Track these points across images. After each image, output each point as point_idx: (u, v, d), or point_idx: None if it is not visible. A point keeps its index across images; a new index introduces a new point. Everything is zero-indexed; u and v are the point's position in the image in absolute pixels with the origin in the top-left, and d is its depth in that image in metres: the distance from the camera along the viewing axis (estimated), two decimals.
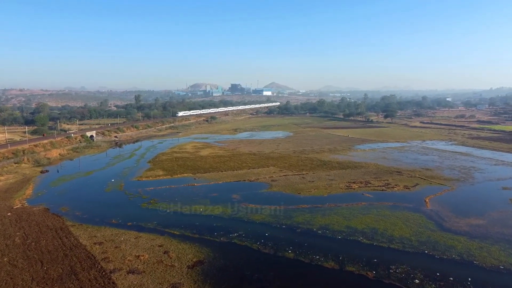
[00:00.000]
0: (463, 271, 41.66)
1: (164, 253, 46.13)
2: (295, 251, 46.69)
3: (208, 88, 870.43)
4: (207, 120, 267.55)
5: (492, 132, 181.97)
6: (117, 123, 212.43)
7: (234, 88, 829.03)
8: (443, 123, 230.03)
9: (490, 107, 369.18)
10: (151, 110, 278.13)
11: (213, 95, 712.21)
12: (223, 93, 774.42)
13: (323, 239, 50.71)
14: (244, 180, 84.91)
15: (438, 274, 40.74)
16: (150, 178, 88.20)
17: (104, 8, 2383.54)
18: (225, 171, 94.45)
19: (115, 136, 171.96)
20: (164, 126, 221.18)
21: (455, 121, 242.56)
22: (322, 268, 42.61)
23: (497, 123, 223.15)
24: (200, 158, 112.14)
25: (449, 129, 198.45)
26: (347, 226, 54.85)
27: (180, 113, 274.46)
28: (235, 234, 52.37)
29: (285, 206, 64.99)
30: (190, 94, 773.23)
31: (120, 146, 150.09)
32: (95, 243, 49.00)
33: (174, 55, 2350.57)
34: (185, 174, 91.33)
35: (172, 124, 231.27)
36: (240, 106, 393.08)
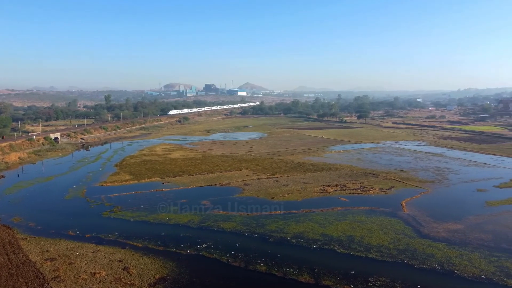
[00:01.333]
0: (444, 282, 39.43)
1: (123, 270, 41.80)
2: (268, 264, 43.31)
3: (181, 88, 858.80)
4: (179, 121, 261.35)
5: (462, 132, 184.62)
6: (84, 124, 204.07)
7: (208, 88, 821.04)
8: (415, 123, 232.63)
9: (459, 108, 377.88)
10: (121, 110, 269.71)
11: (187, 95, 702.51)
12: (197, 93, 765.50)
13: (298, 249, 47.58)
14: (216, 185, 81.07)
15: (419, 286, 38.26)
16: (115, 183, 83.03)
17: (75, 5, 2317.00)
18: (196, 174, 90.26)
19: (82, 138, 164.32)
20: (134, 127, 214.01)
21: (426, 121, 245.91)
22: (296, 283, 39.42)
23: (466, 123, 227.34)
24: (170, 161, 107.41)
25: (421, 129, 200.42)
26: (322, 234, 51.93)
27: (171, 112, 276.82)
28: (204, 245, 48.56)
29: (258, 212, 61.66)
30: (163, 94, 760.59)
31: (86, 148, 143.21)
32: (46, 259, 44.10)
33: (148, 54, 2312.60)
34: (153, 179, 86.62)
35: (143, 125, 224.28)
36: (214, 107, 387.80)
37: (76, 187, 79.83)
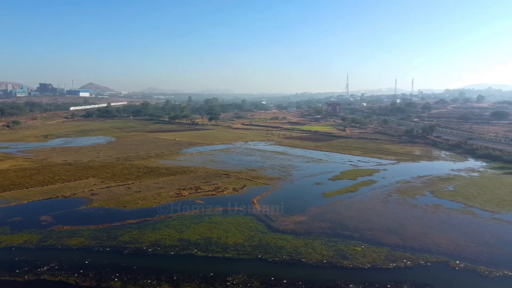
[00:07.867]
0: (294, 271, 42.92)
1: None
2: (123, 278, 40.55)
3: (9, 88, 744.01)
4: (7, 126, 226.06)
5: (301, 132, 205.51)
6: None
7: (43, 88, 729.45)
8: (261, 124, 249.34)
9: (297, 110, 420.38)
10: None
11: (17, 95, 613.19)
12: (29, 93, 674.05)
13: (155, 258, 45.87)
14: (58, 197, 72.55)
15: (273, 278, 40.85)
16: None
17: None
18: (32, 187, 79.23)
19: None
20: None
21: (271, 122, 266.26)
22: None
23: (304, 124, 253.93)
24: None
25: (267, 130, 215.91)
26: (180, 239, 51.23)
27: (71, 108, 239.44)
28: (46, 268, 42.76)
29: (109, 223, 57.38)
30: None
31: None
32: None
33: None
34: None
35: None
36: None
37: None
